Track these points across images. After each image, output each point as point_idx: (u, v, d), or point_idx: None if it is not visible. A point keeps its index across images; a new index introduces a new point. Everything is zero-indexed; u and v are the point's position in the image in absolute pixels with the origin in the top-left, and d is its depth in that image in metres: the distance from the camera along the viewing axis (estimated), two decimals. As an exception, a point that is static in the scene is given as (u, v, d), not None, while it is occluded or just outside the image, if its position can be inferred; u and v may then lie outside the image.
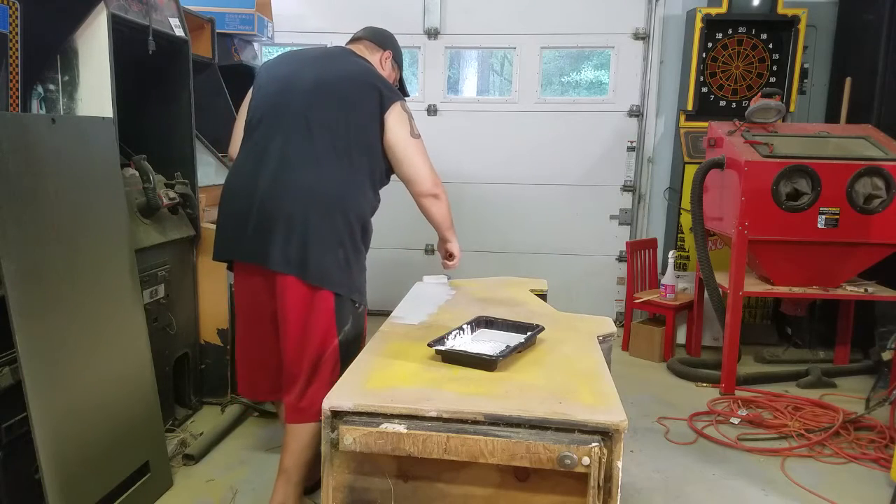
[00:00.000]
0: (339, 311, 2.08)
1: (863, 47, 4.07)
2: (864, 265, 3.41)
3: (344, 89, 2.11)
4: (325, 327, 2.06)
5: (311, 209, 2.02)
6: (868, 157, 3.34)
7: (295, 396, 2.10)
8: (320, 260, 2.03)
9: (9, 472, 1.91)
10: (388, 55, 2.36)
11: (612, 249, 4.76)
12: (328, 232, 2.04)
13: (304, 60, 2.23)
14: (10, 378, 1.88)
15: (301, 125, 2.08)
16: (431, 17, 4.63)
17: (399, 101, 2.15)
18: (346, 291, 2.09)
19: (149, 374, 2.36)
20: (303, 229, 2.02)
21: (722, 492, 2.51)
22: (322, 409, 1.40)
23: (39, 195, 1.91)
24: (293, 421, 2.11)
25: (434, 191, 2.23)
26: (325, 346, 2.07)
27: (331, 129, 2.08)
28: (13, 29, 2.19)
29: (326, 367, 2.07)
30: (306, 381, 2.08)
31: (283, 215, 2.02)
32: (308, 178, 2.04)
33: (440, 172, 2.30)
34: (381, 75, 2.24)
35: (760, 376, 3.65)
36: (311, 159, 2.06)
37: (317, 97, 2.10)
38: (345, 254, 2.07)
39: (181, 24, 2.92)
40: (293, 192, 2.03)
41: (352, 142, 2.09)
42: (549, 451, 1.31)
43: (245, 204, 2.09)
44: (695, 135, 4.23)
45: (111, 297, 2.20)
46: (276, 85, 2.17)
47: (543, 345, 1.83)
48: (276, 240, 2.02)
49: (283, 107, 2.12)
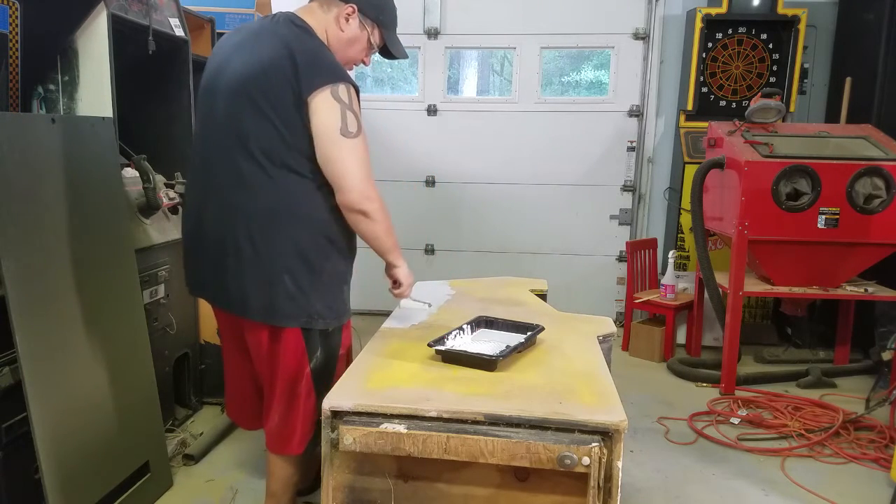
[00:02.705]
0: (308, 342, 1.88)
1: (863, 47, 4.06)
2: (864, 265, 3.41)
3: (261, 82, 1.73)
4: (293, 360, 1.88)
5: (241, 235, 1.76)
6: (868, 157, 3.34)
7: (274, 425, 1.97)
8: (262, 293, 1.79)
9: (9, 472, 1.91)
10: (349, 10, 1.84)
11: (612, 249, 4.76)
12: (266, 258, 1.77)
13: (233, 47, 1.85)
14: (10, 378, 1.88)
15: (228, 136, 1.78)
16: (431, 17, 4.63)
17: (329, 86, 1.70)
18: (304, 323, 1.83)
19: (149, 374, 2.35)
20: (236, 261, 1.78)
21: (722, 492, 2.51)
22: (322, 409, 1.40)
23: (39, 195, 1.91)
24: (274, 451, 2.00)
25: (363, 206, 1.76)
26: (297, 377, 1.90)
27: (255, 137, 1.75)
28: (13, 29, 2.19)
29: (300, 396, 1.91)
30: (284, 411, 1.94)
31: (218, 245, 1.81)
32: (239, 199, 1.77)
33: (440, 172, 2.23)
34: (315, 47, 1.78)
35: (760, 376, 3.64)
36: (240, 174, 1.76)
37: (236, 99, 1.77)
38: (293, 279, 1.78)
39: (181, 24, 2.92)
40: (227, 214, 1.79)
41: (283, 146, 1.74)
42: (549, 451, 1.31)
43: (192, 226, 1.91)
44: (695, 135, 4.23)
45: (111, 297, 2.20)
46: (206, 85, 1.89)
47: (543, 345, 1.83)
48: (217, 274, 1.83)
49: (209, 115, 1.85)
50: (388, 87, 4.99)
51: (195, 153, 1.92)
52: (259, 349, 1.90)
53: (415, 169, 4.78)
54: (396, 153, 4.73)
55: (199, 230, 1.88)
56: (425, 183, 4.79)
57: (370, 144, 1.83)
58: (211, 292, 1.92)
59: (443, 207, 4.81)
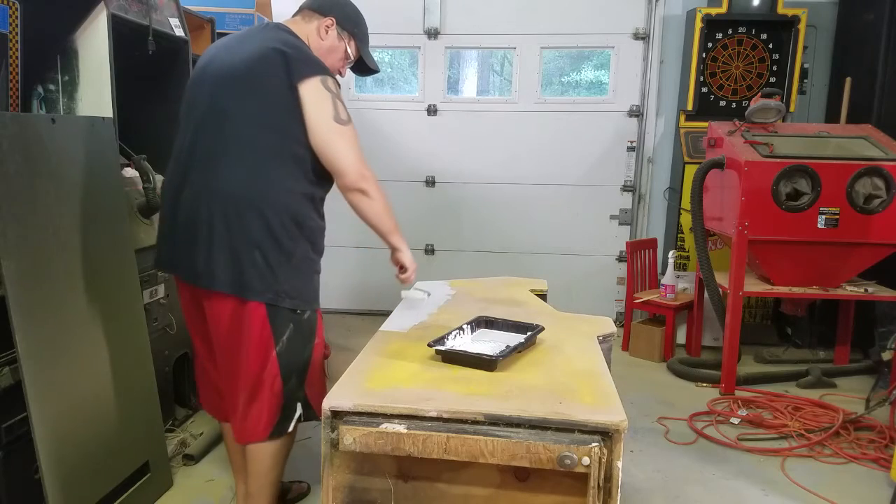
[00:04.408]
0: (273, 322, 1.86)
1: (863, 47, 4.07)
2: (864, 265, 3.41)
3: (248, 70, 1.82)
4: (259, 340, 1.86)
5: (216, 212, 1.81)
6: (868, 157, 3.34)
7: (238, 416, 1.93)
8: (231, 266, 1.81)
9: (9, 472, 1.91)
10: (328, 22, 1.99)
11: (612, 249, 4.76)
12: (238, 235, 1.81)
13: (222, 46, 1.96)
14: (10, 378, 1.88)
15: (210, 119, 1.85)
16: (431, 17, 4.63)
17: (319, 76, 1.82)
18: (270, 298, 1.84)
19: (149, 375, 2.36)
20: (207, 235, 1.82)
21: (722, 492, 2.51)
22: (322, 409, 1.40)
23: (39, 195, 1.91)
24: (241, 441, 1.96)
25: (360, 185, 1.87)
26: (262, 361, 1.87)
27: (237, 118, 1.82)
28: (13, 29, 2.19)
29: (266, 382, 1.89)
30: (247, 399, 1.91)
31: (192, 221, 1.84)
32: (216, 178, 1.83)
33: (440, 172, 2.25)
34: (303, 46, 1.91)
35: (760, 376, 3.65)
36: (219, 156, 1.83)
37: (222, 86, 1.85)
38: (263, 256, 1.82)
39: (181, 24, 2.92)
40: (203, 196, 1.83)
41: (263, 129, 1.82)
42: (549, 451, 1.31)
43: (168, 209, 1.94)
44: (695, 135, 4.23)
45: (111, 297, 2.20)
46: (192, 79, 1.97)
47: (543, 345, 1.83)
48: (188, 249, 1.85)
49: (195, 101, 1.91)
50: (388, 87, 5.00)
51: (177, 142, 1.95)
52: (220, 324, 1.88)
53: (415, 169, 4.78)
54: (396, 153, 4.73)
55: (174, 212, 1.90)
56: (425, 183, 4.79)
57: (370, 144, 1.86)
58: (179, 268, 1.92)
59: (443, 207, 4.81)
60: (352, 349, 1.74)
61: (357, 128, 1.91)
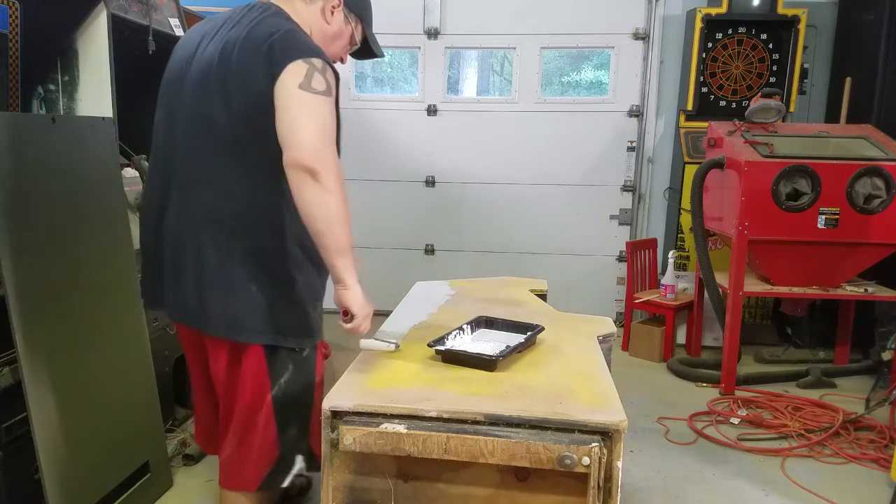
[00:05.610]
0: (271, 364, 1.67)
1: (863, 47, 4.07)
2: (864, 265, 3.41)
3: (234, 67, 1.55)
4: (254, 384, 1.68)
5: (205, 238, 1.58)
6: (868, 157, 3.34)
7: (225, 457, 1.78)
8: (223, 305, 1.60)
9: (9, 472, 1.91)
10: (335, 2, 1.73)
11: (612, 249, 4.76)
12: (231, 265, 1.58)
13: (208, 33, 1.69)
14: (10, 378, 1.88)
15: (194, 128, 1.61)
16: (431, 17, 4.63)
17: (302, 58, 1.51)
18: (269, 340, 1.64)
19: (149, 375, 2.35)
20: (196, 267, 1.59)
21: (722, 492, 2.51)
22: (323, 410, 1.40)
23: (39, 195, 1.91)
24: (225, 485, 1.78)
25: (312, 163, 1.45)
26: (255, 405, 1.69)
27: (225, 125, 1.56)
28: (13, 29, 2.19)
29: (258, 427, 1.70)
30: (236, 442, 1.74)
31: (179, 250, 1.63)
32: (205, 199, 1.59)
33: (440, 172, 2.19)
34: (289, 28, 1.60)
35: (760, 376, 3.64)
36: (205, 171, 1.59)
37: (205, 87, 1.59)
38: (259, 289, 1.60)
39: (181, 24, 2.92)
40: (190, 218, 1.60)
41: (256, 137, 1.54)
42: (549, 451, 1.31)
43: (150, 234, 1.73)
44: (695, 135, 4.23)
45: (111, 296, 2.20)
46: (171, 75, 1.74)
47: (543, 345, 1.83)
48: (176, 283, 1.64)
49: (174, 104, 1.67)
50: (388, 87, 4.99)
51: (155, 150, 1.73)
52: (217, 368, 1.71)
53: (415, 169, 4.77)
54: (396, 153, 4.72)
55: (158, 236, 1.68)
56: (425, 183, 4.79)
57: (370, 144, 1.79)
58: (169, 305, 1.70)
59: (443, 207, 4.81)
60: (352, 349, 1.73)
61: (357, 128, 1.84)
